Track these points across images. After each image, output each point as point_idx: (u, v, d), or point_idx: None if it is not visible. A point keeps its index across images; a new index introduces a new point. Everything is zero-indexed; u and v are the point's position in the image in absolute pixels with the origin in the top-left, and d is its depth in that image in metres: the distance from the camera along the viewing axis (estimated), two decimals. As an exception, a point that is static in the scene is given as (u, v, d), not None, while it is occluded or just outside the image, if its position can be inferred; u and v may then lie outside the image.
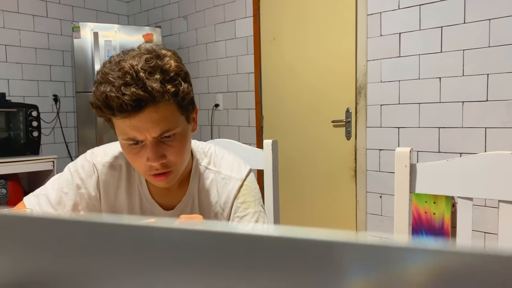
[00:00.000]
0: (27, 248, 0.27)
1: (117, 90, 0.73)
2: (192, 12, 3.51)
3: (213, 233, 0.23)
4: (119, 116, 0.76)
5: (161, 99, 0.76)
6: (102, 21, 3.80)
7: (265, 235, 0.22)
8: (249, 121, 3.17)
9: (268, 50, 3.04)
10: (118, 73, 0.75)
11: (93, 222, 0.26)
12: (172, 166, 0.83)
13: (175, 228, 0.24)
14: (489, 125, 2.10)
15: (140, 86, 0.74)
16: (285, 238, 0.22)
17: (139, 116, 0.76)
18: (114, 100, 0.73)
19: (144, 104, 0.75)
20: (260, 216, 0.96)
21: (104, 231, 0.25)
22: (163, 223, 0.24)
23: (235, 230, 0.23)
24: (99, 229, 0.25)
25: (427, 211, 2.17)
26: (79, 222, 0.26)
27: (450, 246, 0.19)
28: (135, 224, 0.25)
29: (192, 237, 0.23)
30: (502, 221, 0.76)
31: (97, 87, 0.77)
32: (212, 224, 0.23)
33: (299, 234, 0.22)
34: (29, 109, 2.97)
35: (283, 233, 0.22)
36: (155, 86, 0.74)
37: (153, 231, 0.24)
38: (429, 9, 2.24)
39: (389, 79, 2.42)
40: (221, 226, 0.23)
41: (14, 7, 3.28)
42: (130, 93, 0.73)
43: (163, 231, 0.24)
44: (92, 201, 0.93)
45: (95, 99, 0.77)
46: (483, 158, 0.80)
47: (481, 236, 2.12)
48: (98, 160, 0.94)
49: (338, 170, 2.72)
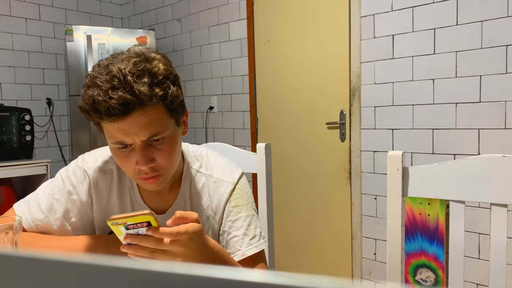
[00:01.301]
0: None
1: (104, 94, 0.73)
2: (186, 14, 3.51)
3: (216, 280, 0.22)
4: (107, 120, 0.76)
5: (149, 103, 0.75)
6: (96, 24, 3.79)
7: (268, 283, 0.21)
8: (244, 123, 3.17)
9: (262, 52, 3.04)
10: (106, 76, 0.74)
11: (88, 264, 0.24)
12: (162, 170, 0.83)
13: (171, 272, 0.23)
14: (482, 126, 2.11)
15: (128, 90, 0.73)
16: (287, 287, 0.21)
17: (127, 120, 0.75)
18: (101, 104, 0.73)
19: (131, 108, 0.74)
20: (253, 220, 0.95)
21: (101, 273, 0.24)
22: (157, 267, 0.23)
23: (241, 277, 0.22)
24: (95, 271, 0.24)
25: (421, 213, 2.18)
26: (75, 264, 0.25)
27: None
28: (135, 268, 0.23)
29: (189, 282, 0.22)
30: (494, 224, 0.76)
31: (85, 91, 0.76)
32: (213, 269, 0.22)
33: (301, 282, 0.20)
34: (22, 113, 2.95)
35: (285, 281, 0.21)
36: (142, 89, 0.74)
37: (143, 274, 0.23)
38: (422, 11, 2.25)
39: (382, 81, 2.42)
40: (224, 272, 0.22)
41: (7, 10, 3.26)
42: (117, 97, 0.72)
43: (152, 274, 0.23)
44: (84, 207, 0.93)
45: (83, 103, 0.77)
46: (475, 161, 0.80)
47: (475, 237, 2.13)
48: (89, 165, 0.94)
49: (333, 172, 2.72)
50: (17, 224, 0.73)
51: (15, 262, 0.26)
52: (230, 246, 0.92)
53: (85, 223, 0.94)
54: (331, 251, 2.75)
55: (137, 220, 0.67)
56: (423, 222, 2.18)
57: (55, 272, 0.25)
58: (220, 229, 0.94)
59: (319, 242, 2.81)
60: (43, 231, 0.92)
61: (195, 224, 0.72)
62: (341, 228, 2.70)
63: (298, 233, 2.90)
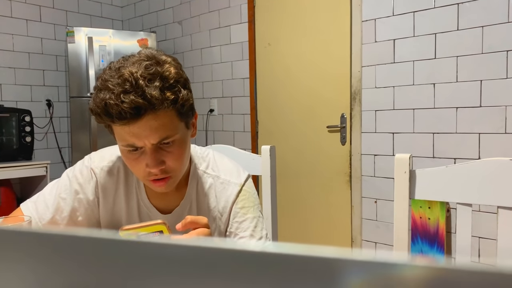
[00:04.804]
0: (31, 265, 0.26)
1: (116, 98, 0.73)
2: (187, 17, 3.51)
3: (215, 249, 0.23)
4: (118, 123, 0.76)
5: (160, 107, 0.75)
6: (96, 26, 3.79)
7: (267, 252, 0.22)
8: (244, 126, 3.18)
9: (263, 55, 3.05)
10: (118, 80, 0.74)
11: (96, 238, 0.25)
12: (171, 172, 0.83)
13: (177, 244, 0.24)
14: (483, 131, 2.12)
15: (140, 94, 0.73)
16: (286, 255, 0.22)
17: (138, 123, 0.75)
18: (113, 108, 0.73)
19: (143, 112, 0.74)
20: (259, 221, 0.96)
21: (113, 247, 0.25)
22: (164, 240, 0.24)
23: (240, 247, 0.23)
24: (105, 245, 0.25)
25: (422, 216, 2.19)
26: (82, 238, 0.26)
27: (451, 264, 0.19)
28: (144, 241, 0.24)
29: (193, 252, 0.24)
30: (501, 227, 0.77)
31: (97, 94, 0.76)
32: (214, 241, 0.23)
33: (299, 251, 0.22)
34: (22, 114, 2.95)
35: (284, 250, 0.22)
36: (154, 93, 0.74)
37: (154, 248, 0.24)
38: (423, 16, 2.27)
39: (383, 85, 2.44)
40: (223, 242, 0.23)
41: (7, 11, 3.26)
42: (129, 101, 0.73)
43: (165, 247, 0.24)
44: (91, 206, 0.93)
45: (94, 106, 0.77)
46: (482, 164, 0.80)
47: (475, 240, 2.13)
48: (96, 164, 0.94)
49: (333, 175, 2.72)
50: (27, 224, 0.73)
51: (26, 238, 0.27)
52: None
53: (91, 223, 0.94)
54: (331, 254, 2.75)
55: (149, 230, 0.67)
56: (423, 226, 2.19)
57: (61, 246, 0.26)
58: (227, 230, 0.95)
59: (319, 245, 2.81)
60: None
61: (205, 230, 0.72)
62: (341, 232, 2.70)
63: (298, 236, 2.90)
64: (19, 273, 0.26)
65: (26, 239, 0.26)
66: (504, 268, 0.19)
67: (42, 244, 0.26)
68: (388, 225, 2.46)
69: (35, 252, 0.26)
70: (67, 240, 0.26)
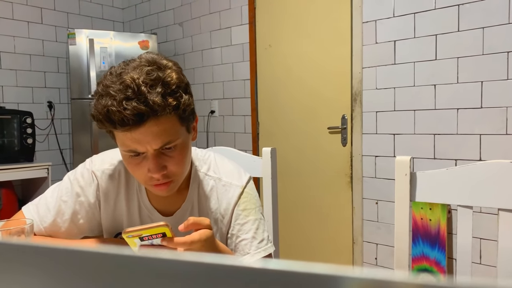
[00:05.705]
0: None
1: (118, 104, 0.73)
2: (188, 19, 3.52)
3: (216, 265, 0.23)
4: (120, 130, 0.76)
5: (162, 113, 0.76)
6: (98, 28, 3.80)
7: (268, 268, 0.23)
8: (245, 127, 3.18)
9: (264, 57, 3.05)
10: (119, 86, 0.74)
11: (98, 253, 0.26)
12: (173, 176, 0.84)
13: (178, 259, 0.24)
14: (484, 132, 2.12)
15: (142, 101, 0.73)
16: (287, 272, 0.22)
17: (140, 129, 0.76)
18: (115, 114, 0.73)
19: (145, 118, 0.75)
20: (261, 223, 0.96)
21: (114, 263, 0.25)
22: (166, 255, 0.24)
23: (241, 264, 0.23)
24: (105, 260, 0.25)
25: (423, 218, 2.19)
26: (82, 252, 0.26)
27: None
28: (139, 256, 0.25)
29: (192, 268, 0.24)
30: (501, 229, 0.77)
31: (98, 100, 0.76)
32: (214, 257, 0.24)
33: (301, 268, 0.22)
34: (23, 116, 2.95)
35: (286, 267, 0.22)
36: (156, 100, 0.74)
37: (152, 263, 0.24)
38: (423, 17, 2.27)
39: (384, 86, 2.44)
40: (223, 259, 0.24)
41: (9, 13, 3.27)
42: (131, 108, 0.73)
43: (167, 262, 0.25)
44: (92, 209, 0.93)
45: (96, 113, 0.77)
46: (483, 166, 0.81)
47: (477, 242, 2.13)
48: (97, 167, 0.94)
49: (334, 176, 2.72)
50: (29, 227, 0.74)
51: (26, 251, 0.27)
52: (238, 249, 0.92)
53: (93, 225, 0.94)
54: (332, 255, 2.75)
55: (152, 232, 0.67)
56: (424, 227, 2.19)
57: (63, 261, 0.26)
58: (229, 232, 0.95)
59: (319, 246, 2.81)
60: (51, 233, 0.92)
61: (207, 231, 0.72)
62: (342, 233, 2.70)
63: (299, 237, 2.90)
64: (24, 286, 0.26)
65: (33, 252, 0.27)
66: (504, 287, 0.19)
67: (48, 258, 0.26)
68: (389, 226, 2.46)
69: (40, 266, 0.26)
70: (73, 254, 0.26)
